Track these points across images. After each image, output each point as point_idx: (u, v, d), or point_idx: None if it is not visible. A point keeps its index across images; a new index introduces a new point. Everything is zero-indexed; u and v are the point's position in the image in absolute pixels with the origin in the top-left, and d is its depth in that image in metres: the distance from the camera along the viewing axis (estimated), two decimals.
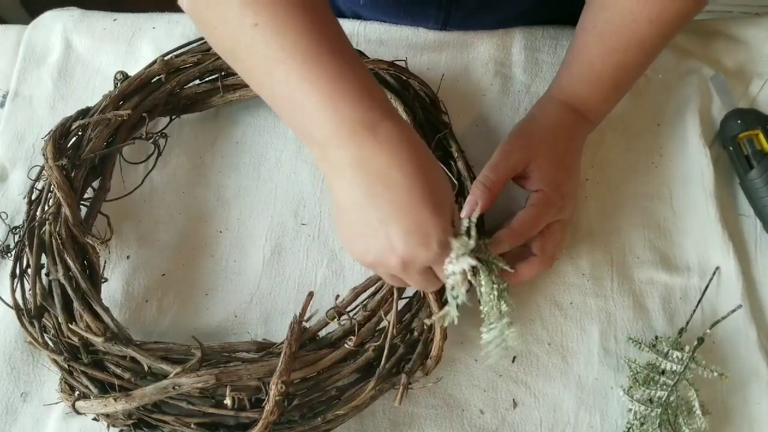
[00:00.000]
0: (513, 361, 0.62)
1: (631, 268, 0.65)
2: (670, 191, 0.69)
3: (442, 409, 0.60)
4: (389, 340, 0.56)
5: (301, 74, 0.47)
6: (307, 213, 0.68)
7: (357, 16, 0.79)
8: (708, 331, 0.61)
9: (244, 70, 0.52)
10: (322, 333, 0.59)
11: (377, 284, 0.59)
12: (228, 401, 0.54)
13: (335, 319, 0.58)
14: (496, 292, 0.50)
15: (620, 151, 0.70)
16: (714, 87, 0.72)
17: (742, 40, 0.76)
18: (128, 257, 0.67)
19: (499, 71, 0.74)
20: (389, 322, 0.57)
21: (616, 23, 0.61)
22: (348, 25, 0.76)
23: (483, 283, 0.50)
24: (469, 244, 0.48)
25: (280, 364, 0.53)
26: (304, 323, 0.56)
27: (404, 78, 0.69)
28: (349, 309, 0.58)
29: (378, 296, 0.58)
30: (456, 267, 0.48)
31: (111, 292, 0.64)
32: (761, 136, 0.67)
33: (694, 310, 0.63)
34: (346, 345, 0.57)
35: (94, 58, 0.76)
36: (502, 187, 0.60)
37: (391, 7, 0.75)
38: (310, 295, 0.57)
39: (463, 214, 0.59)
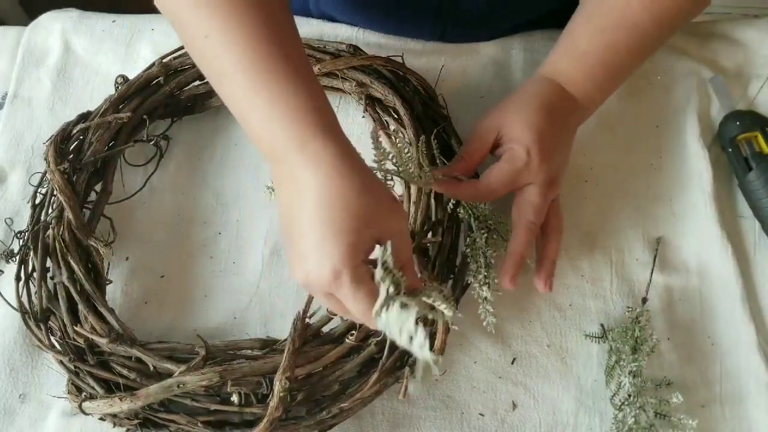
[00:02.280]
0: (512, 363, 0.62)
1: (631, 269, 0.65)
2: (669, 193, 0.69)
3: (441, 410, 0.60)
4: None
5: (245, 91, 0.48)
6: None
7: None
8: (647, 296, 0.64)
9: (205, 75, 0.54)
10: (325, 329, 0.59)
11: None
12: (235, 398, 0.54)
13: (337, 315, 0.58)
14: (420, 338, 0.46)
15: (619, 152, 0.70)
16: (713, 89, 0.72)
17: (740, 41, 0.76)
18: (127, 259, 0.67)
19: (498, 73, 0.74)
20: None
21: (607, 5, 0.61)
22: (346, 31, 0.76)
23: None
24: (385, 297, 0.46)
25: (283, 360, 0.54)
26: (307, 320, 0.56)
27: (401, 73, 0.69)
28: None
29: None
30: (381, 325, 0.46)
31: (110, 293, 0.64)
32: (760, 138, 0.67)
33: (650, 282, 0.65)
34: (348, 340, 0.57)
35: (93, 60, 0.76)
36: (480, 158, 0.61)
37: (387, 23, 0.76)
38: None
39: (441, 189, 0.60)
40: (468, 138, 0.62)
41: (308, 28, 0.76)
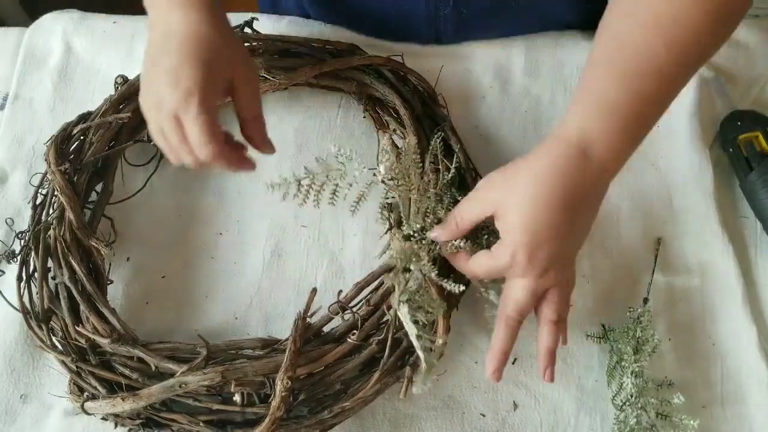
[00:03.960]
0: (513, 363, 0.62)
1: (632, 269, 0.65)
2: (670, 193, 0.69)
3: (442, 410, 0.60)
4: (392, 333, 0.57)
5: None
6: (306, 215, 0.68)
7: None
8: (648, 296, 0.64)
9: None
10: (326, 329, 0.59)
11: (379, 279, 0.59)
12: (237, 398, 0.54)
13: (338, 315, 0.58)
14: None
15: None
16: (713, 89, 0.72)
17: (741, 42, 0.76)
18: (128, 259, 0.67)
19: (498, 74, 0.74)
20: (392, 316, 0.57)
21: (629, 51, 0.53)
22: (347, 32, 0.76)
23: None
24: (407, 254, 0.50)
25: (285, 360, 0.54)
26: (308, 319, 0.56)
27: (401, 73, 0.69)
28: (352, 304, 0.59)
29: (381, 291, 0.59)
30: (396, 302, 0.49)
31: (111, 293, 0.64)
32: (761, 138, 0.67)
33: (651, 282, 0.64)
34: (349, 340, 0.57)
35: (94, 61, 0.76)
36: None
37: (381, 30, 0.76)
38: (314, 291, 0.57)
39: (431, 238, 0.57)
40: (468, 197, 0.56)
41: (309, 28, 0.76)
